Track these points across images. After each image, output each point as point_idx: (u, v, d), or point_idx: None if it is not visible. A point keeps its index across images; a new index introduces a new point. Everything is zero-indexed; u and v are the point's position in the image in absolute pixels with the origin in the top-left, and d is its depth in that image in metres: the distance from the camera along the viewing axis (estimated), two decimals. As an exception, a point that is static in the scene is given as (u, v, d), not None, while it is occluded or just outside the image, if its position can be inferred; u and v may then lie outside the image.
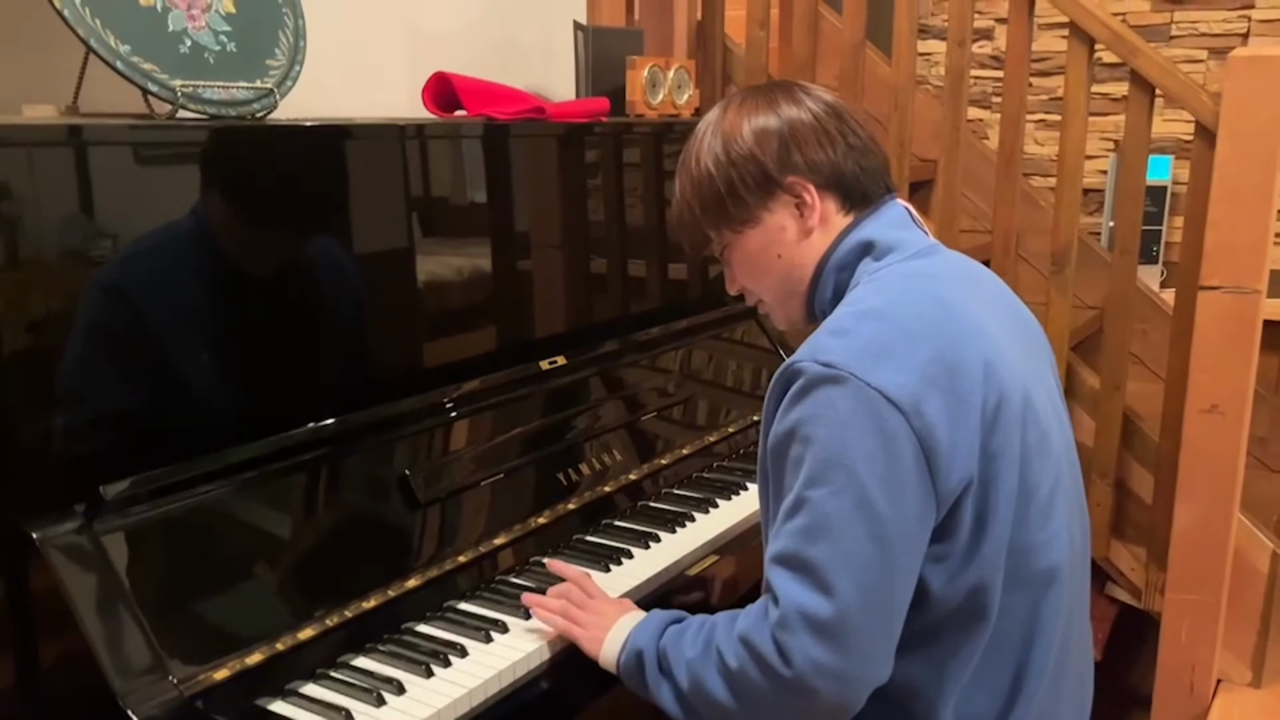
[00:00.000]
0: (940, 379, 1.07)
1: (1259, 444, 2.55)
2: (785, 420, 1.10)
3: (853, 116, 1.24)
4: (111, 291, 1.19)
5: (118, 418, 1.20)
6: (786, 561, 1.09)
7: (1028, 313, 1.30)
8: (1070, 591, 1.18)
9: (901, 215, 1.25)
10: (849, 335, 1.09)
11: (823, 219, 1.22)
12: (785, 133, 1.19)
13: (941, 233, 2.19)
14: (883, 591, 1.06)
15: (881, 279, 1.18)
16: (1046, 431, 1.16)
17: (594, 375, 1.82)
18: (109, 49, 1.25)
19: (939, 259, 1.22)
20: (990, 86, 3.27)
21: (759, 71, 2.43)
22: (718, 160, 1.22)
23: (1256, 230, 1.81)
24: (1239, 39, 2.92)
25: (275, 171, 1.37)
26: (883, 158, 1.26)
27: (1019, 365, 1.15)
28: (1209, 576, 1.92)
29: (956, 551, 1.09)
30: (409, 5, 2.05)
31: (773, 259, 1.24)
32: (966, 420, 1.07)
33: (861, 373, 1.05)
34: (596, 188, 1.90)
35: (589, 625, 1.30)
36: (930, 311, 1.12)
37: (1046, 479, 1.14)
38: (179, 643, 1.12)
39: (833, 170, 1.20)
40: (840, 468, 1.05)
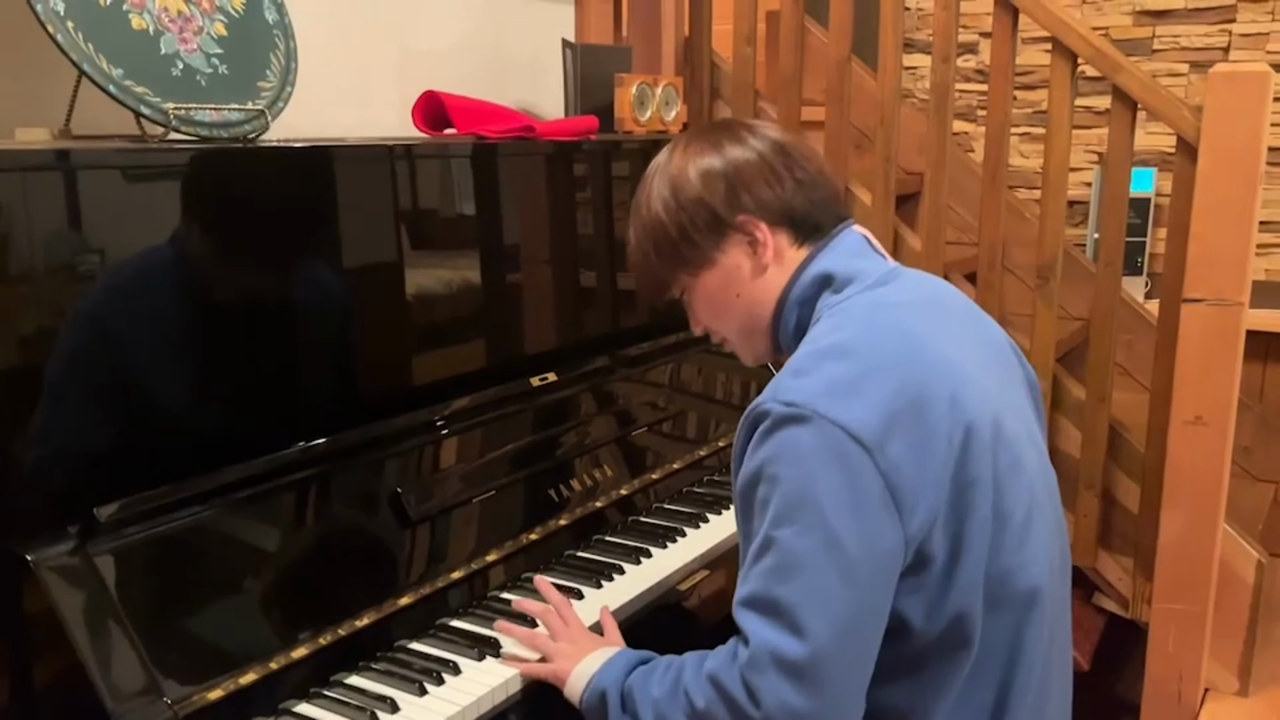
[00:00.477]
0: (905, 414, 1.07)
1: (1243, 454, 2.57)
2: (752, 461, 1.10)
3: (799, 151, 1.23)
4: (102, 314, 1.20)
5: (110, 439, 1.20)
6: (755, 604, 1.08)
7: (997, 330, 1.30)
8: (1052, 612, 1.18)
9: (858, 243, 1.24)
10: (811, 374, 1.09)
11: (776, 255, 1.22)
12: (731, 173, 1.20)
13: (928, 245, 2.21)
14: (854, 631, 1.06)
15: (843, 312, 1.17)
16: (1019, 455, 1.15)
17: (584, 391, 1.83)
18: (102, 72, 1.25)
19: (900, 285, 1.21)
20: (975, 100, 3.30)
21: (746, 87, 2.45)
22: (667, 206, 1.22)
23: (1238, 243, 1.83)
24: (1220, 53, 2.95)
25: (266, 192, 1.38)
26: (832, 189, 1.25)
27: (987, 390, 1.14)
28: (1195, 586, 1.93)
29: (932, 582, 1.09)
30: (399, 24, 2.06)
31: (732, 298, 1.24)
32: (933, 454, 1.07)
33: (825, 410, 1.05)
34: (586, 204, 1.92)
35: (556, 657, 1.29)
36: (892, 344, 1.11)
37: (1021, 503, 1.14)
38: (173, 663, 1.13)
39: (782, 206, 1.20)
40: (807, 507, 1.05)
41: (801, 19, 2.36)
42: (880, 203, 2.26)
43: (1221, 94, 1.81)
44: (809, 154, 1.24)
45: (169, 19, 1.35)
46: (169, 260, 1.27)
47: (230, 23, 1.43)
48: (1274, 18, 2.88)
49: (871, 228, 2.27)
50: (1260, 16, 2.90)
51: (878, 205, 2.27)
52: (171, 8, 1.35)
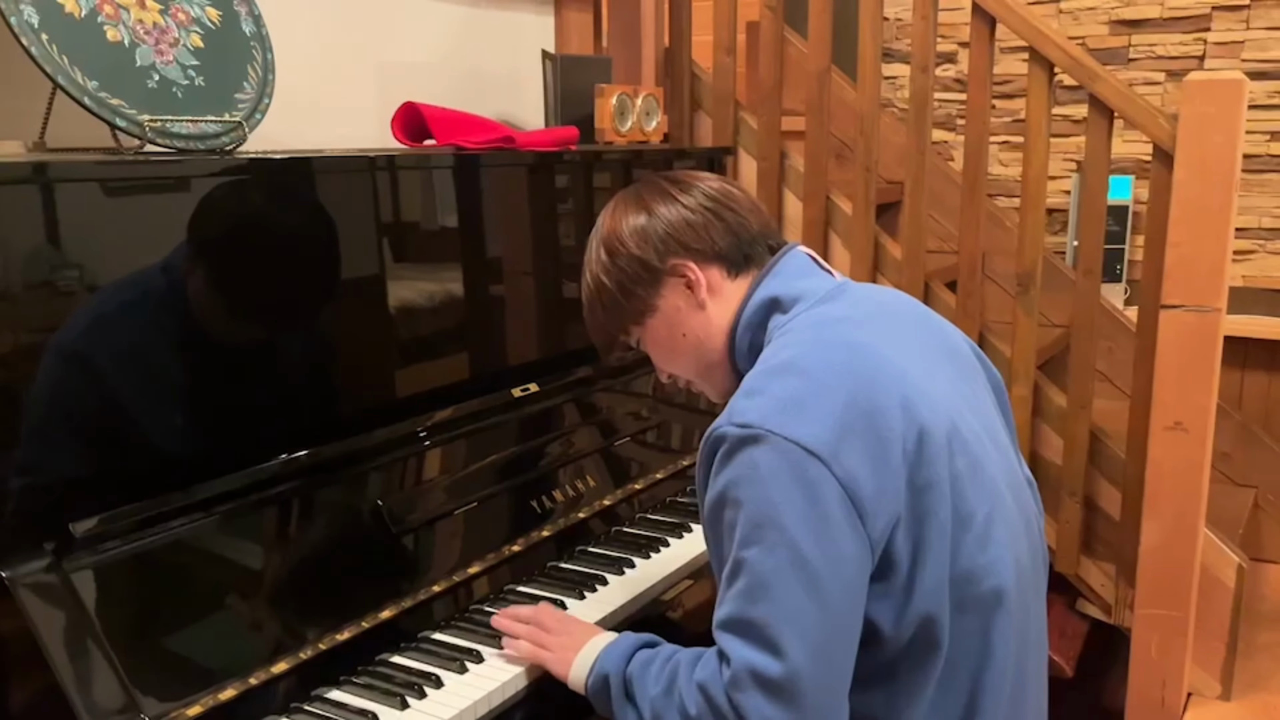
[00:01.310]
0: (857, 424, 1.09)
1: (1223, 459, 2.59)
2: (715, 486, 1.13)
3: (723, 194, 1.30)
4: (80, 331, 1.19)
5: (87, 454, 1.19)
6: (732, 626, 1.11)
7: (955, 333, 1.32)
8: (1021, 615, 1.18)
9: (803, 263, 1.29)
10: (762, 394, 1.12)
11: (712, 290, 1.28)
12: (658, 226, 1.27)
13: (909, 254, 2.22)
14: (829, 644, 1.08)
15: (791, 331, 1.20)
16: (978, 457, 1.17)
17: (567, 402, 1.82)
18: (76, 85, 1.25)
19: (847, 299, 1.24)
20: (955, 109, 3.32)
21: (726, 98, 2.45)
22: (604, 267, 1.31)
23: (1215, 250, 1.84)
24: (1195, 61, 2.98)
25: (244, 204, 1.37)
26: (759, 222, 1.31)
27: (941, 394, 1.16)
28: (1177, 591, 1.94)
29: (898, 587, 1.11)
30: (377, 36, 2.06)
31: (679, 338, 1.30)
32: (888, 460, 1.09)
33: (778, 428, 1.08)
34: (567, 215, 1.92)
35: (557, 647, 1.31)
36: (840, 357, 1.14)
37: (982, 504, 1.15)
38: (151, 680, 1.12)
39: (708, 246, 1.27)
40: (770, 525, 1.07)
41: (781, 30, 2.37)
42: (861, 212, 2.27)
43: (1197, 102, 1.82)
44: (733, 195, 1.31)
45: (144, 31, 1.34)
46: (148, 277, 1.26)
47: (206, 35, 1.42)
48: (1248, 26, 2.91)
49: (852, 237, 2.29)
50: (1235, 25, 2.93)
51: (858, 214, 2.27)
52: (147, 20, 1.35)
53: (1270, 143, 2.92)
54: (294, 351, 1.44)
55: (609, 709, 1.24)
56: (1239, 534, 2.33)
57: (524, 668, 1.32)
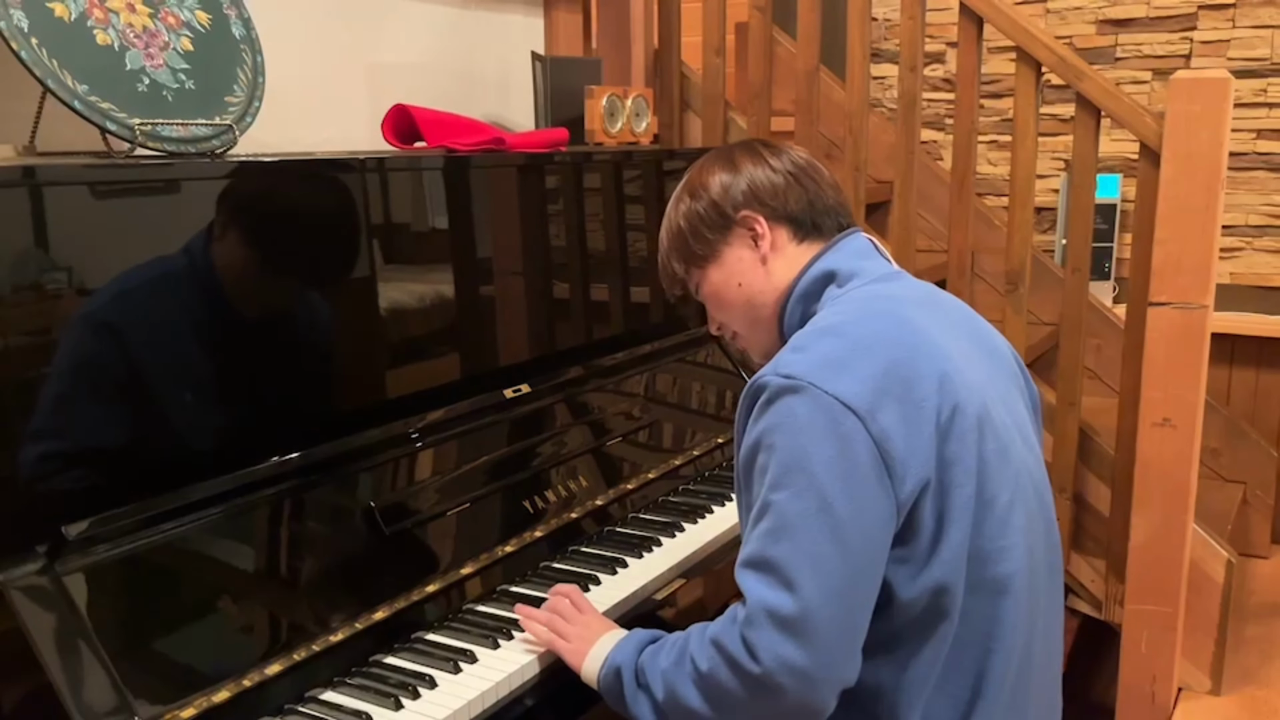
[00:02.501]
0: (894, 388, 1.13)
1: (1212, 455, 2.60)
2: (753, 432, 1.17)
3: (810, 166, 1.34)
4: (71, 333, 1.19)
5: (78, 457, 1.19)
6: (753, 563, 1.14)
7: (998, 339, 1.36)
8: (1031, 605, 1.21)
9: (865, 245, 1.33)
10: (808, 350, 1.17)
11: (775, 247, 1.32)
12: (740, 182, 1.32)
13: (898, 253, 2.23)
14: (844, 589, 1.11)
15: (843, 301, 1.25)
16: (1006, 445, 1.20)
17: (559, 402, 1.83)
18: (66, 89, 1.25)
19: (902, 283, 1.29)
20: (943, 108, 3.33)
21: (716, 98, 2.46)
22: (682, 208, 1.36)
23: (1202, 247, 1.85)
24: (1182, 60, 3.00)
25: (235, 207, 1.37)
26: (836, 200, 1.35)
27: (977, 381, 1.20)
28: (1166, 587, 1.95)
29: (919, 553, 1.14)
30: (367, 39, 2.06)
31: (734, 289, 1.34)
32: (921, 427, 1.13)
33: (819, 381, 1.12)
34: (557, 216, 1.92)
35: (573, 639, 1.34)
36: (885, 327, 1.19)
37: (1005, 490, 1.18)
38: (144, 682, 1.12)
39: (782, 205, 1.32)
40: (801, 471, 1.11)
41: (770, 30, 2.38)
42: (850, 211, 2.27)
43: (1183, 100, 1.84)
44: (817, 169, 1.36)
45: (134, 35, 1.34)
46: (138, 279, 1.26)
47: (196, 38, 1.42)
48: (1234, 25, 2.93)
49: (842, 236, 2.30)
50: (1221, 24, 2.94)
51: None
52: (137, 23, 1.35)
53: (1256, 140, 2.94)
54: (286, 353, 1.44)
55: (620, 701, 1.27)
56: (1228, 529, 2.34)
57: (518, 667, 1.32)
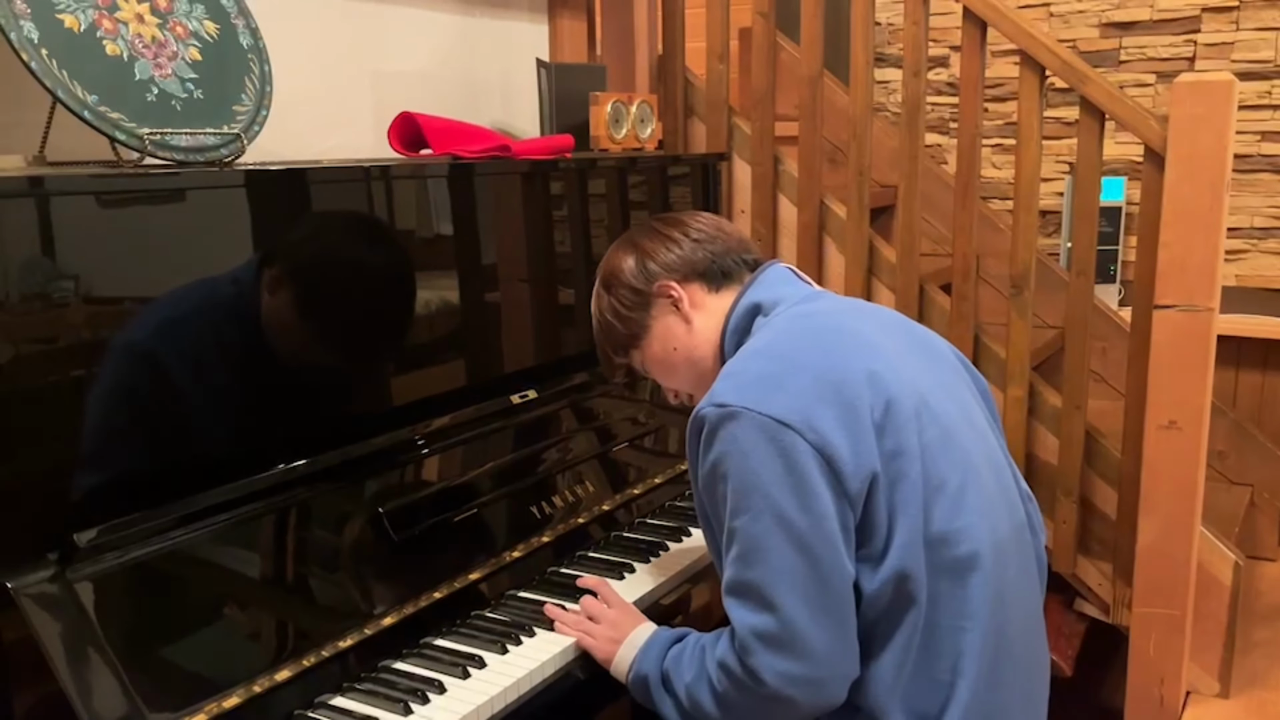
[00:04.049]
0: (826, 394, 1.20)
1: (1218, 458, 2.60)
2: (705, 463, 1.25)
3: (715, 229, 1.45)
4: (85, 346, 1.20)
5: (89, 465, 1.20)
6: (733, 590, 1.22)
7: (934, 336, 1.43)
8: (999, 581, 1.24)
9: (783, 274, 1.42)
10: (738, 376, 1.25)
11: (694, 304, 1.41)
12: (645, 260, 1.42)
13: (903, 257, 2.23)
14: (821, 596, 1.17)
15: (769, 326, 1.33)
16: (949, 429, 1.26)
17: (564, 408, 1.83)
18: (76, 99, 1.26)
19: (824, 300, 1.38)
20: (947, 112, 3.33)
21: (720, 104, 2.46)
22: (603, 300, 1.46)
23: (1207, 250, 1.85)
24: (1186, 63, 3.00)
25: (243, 216, 1.38)
26: (740, 248, 1.45)
27: (911, 374, 1.27)
28: (1174, 590, 1.95)
29: (877, 547, 1.20)
30: (372, 47, 2.07)
31: (672, 354, 1.44)
32: (858, 425, 1.19)
33: (752, 404, 1.19)
34: (563, 223, 1.93)
35: (601, 638, 1.41)
36: (810, 340, 1.27)
37: (954, 473, 1.24)
38: (155, 688, 1.12)
39: (688, 266, 1.41)
40: (754, 493, 1.18)
41: (773, 35, 2.39)
42: (855, 216, 2.28)
43: (1187, 103, 1.84)
44: (719, 228, 1.46)
45: (143, 45, 1.35)
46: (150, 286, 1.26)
47: (204, 48, 1.43)
48: (1238, 28, 2.93)
49: (847, 241, 2.30)
50: (1224, 27, 2.94)
51: (852, 219, 2.28)
52: (145, 34, 1.36)
53: (1261, 143, 2.94)
54: (294, 360, 1.45)
55: (648, 700, 1.34)
56: (1235, 532, 2.34)
57: (526, 672, 1.33)
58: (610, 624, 1.42)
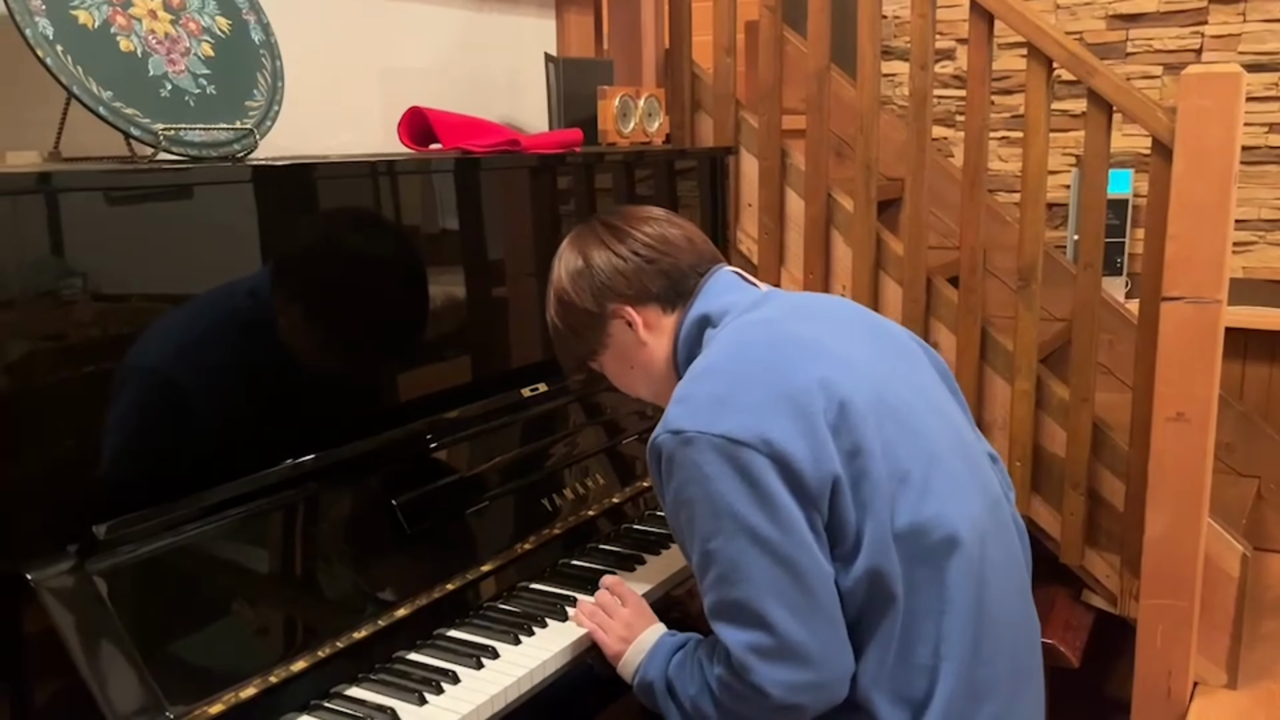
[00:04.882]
0: (779, 405, 1.20)
1: (1226, 450, 2.60)
2: (668, 490, 1.26)
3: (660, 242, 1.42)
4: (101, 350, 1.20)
5: (107, 460, 1.21)
6: (719, 611, 1.23)
7: (885, 323, 1.44)
8: (980, 558, 1.26)
9: (728, 280, 1.42)
10: (688, 399, 1.25)
11: (649, 326, 1.42)
12: (597, 279, 1.41)
13: (910, 250, 2.23)
14: (808, 602, 1.19)
15: (716, 340, 1.33)
16: (909, 423, 1.27)
17: (572, 402, 1.84)
18: (92, 95, 1.27)
19: (772, 305, 1.37)
20: (954, 105, 3.33)
21: (727, 97, 2.47)
22: (558, 313, 1.46)
23: (1215, 242, 1.86)
24: (1193, 55, 2.99)
25: (256, 211, 1.39)
26: (693, 258, 1.43)
27: (864, 367, 1.28)
28: (1181, 581, 1.95)
29: (848, 547, 1.22)
30: (382, 42, 2.08)
31: (628, 369, 1.46)
32: (815, 430, 1.20)
33: (705, 427, 1.20)
34: (571, 217, 1.93)
35: (612, 636, 1.42)
36: (756, 353, 1.27)
37: (917, 462, 1.25)
38: (174, 679, 1.14)
39: (641, 289, 1.40)
40: (722, 515, 1.19)
41: (780, 29, 2.39)
42: (862, 209, 2.29)
43: (1195, 95, 1.84)
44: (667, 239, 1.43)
45: (156, 41, 1.36)
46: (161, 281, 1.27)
47: (217, 44, 1.44)
48: (1245, 19, 2.93)
49: (854, 234, 2.31)
50: (1231, 18, 2.94)
51: (859, 212, 2.29)
52: (159, 30, 1.37)
53: (1269, 134, 2.94)
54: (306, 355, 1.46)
55: (653, 704, 1.35)
56: (1242, 524, 2.34)
57: (539, 663, 1.34)
58: (623, 622, 1.43)
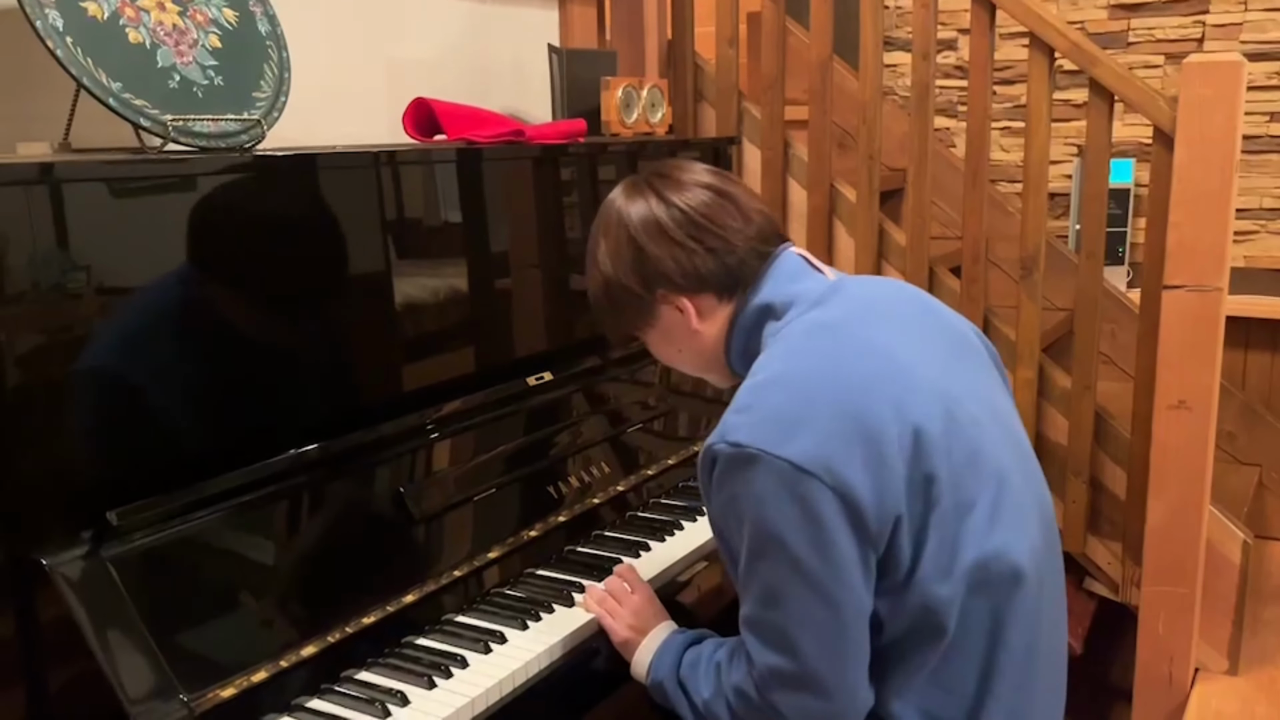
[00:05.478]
0: (849, 433, 1.11)
1: (1228, 439, 2.61)
2: (717, 500, 1.19)
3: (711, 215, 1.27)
4: (106, 330, 1.22)
5: (119, 449, 1.22)
6: (752, 625, 1.19)
7: (951, 317, 1.33)
8: (1037, 596, 1.20)
9: (794, 266, 1.29)
10: (752, 411, 1.15)
11: (703, 314, 1.30)
12: (646, 265, 1.27)
13: (913, 241, 2.24)
14: (839, 638, 1.14)
15: (781, 342, 1.22)
16: (977, 445, 1.18)
17: (578, 391, 1.85)
18: (101, 86, 1.28)
19: (840, 301, 1.25)
20: (956, 95, 3.34)
21: (729, 89, 2.48)
22: (602, 288, 1.34)
23: (1216, 230, 1.86)
24: (1194, 44, 3.00)
25: (262, 201, 1.40)
26: (753, 235, 1.28)
27: (937, 385, 1.18)
28: (1183, 569, 1.96)
29: (897, 582, 1.15)
30: (387, 34, 2.08)
31: (676, 351, 1.37)
32: (885, 462, 1.11)
33: (770, 447, 1.11)
34: (574, 207, 1.94)
35: (622, 627, 1.39)
36: (828, 366, 1.16)
37: (984, 491, 1.17)
38: (186, 662, 1.15)
39: (695, 278, 1.27)
40: (771, 540, 1.12)
41: (783, 20, 2.40)
42: (865, 200, 2.29)
43: (1196, 84, 1.84)
44: (714, 215, 1.27)
45: (164, 32, 1.37)
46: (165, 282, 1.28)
47: (224, 35, 1.45)
48: (1246, 8, 2.93)
49: (856, 224, 2.32)
50: (1233, 7, 2.94)
51: (862, 203, 2.30)
52: (167, 21, 1.38)
53: (1270, 123, 2.94)
54: (316, 344, 1.47)
55: (669, 704, 1.32)
56: (1244, 512, 2.35)
57: (546, 647, 1.35)
58: (631, 609, 1.41)
